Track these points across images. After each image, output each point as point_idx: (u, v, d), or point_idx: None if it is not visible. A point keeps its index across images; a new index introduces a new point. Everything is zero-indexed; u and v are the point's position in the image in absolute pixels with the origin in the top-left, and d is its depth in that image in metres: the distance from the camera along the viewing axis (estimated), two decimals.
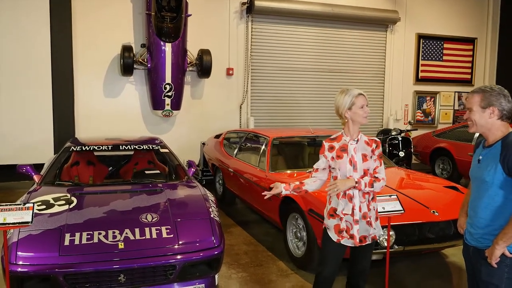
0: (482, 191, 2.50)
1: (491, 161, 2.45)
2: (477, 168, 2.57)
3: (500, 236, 2.36)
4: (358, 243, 3.03)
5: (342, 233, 3.05)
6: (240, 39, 9.28)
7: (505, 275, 2.40)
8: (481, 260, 2.49)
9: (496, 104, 2.45)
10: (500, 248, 2.35)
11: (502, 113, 2.45)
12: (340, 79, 10.14)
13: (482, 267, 2.49)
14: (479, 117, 2.50)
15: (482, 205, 2.49)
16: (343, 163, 3.02)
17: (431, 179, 5.53)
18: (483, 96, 2.48)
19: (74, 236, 3.42)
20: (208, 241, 3.60)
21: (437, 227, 4.19)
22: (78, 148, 5.20)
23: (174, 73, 8.01)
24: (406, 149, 8.80)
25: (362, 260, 3.16)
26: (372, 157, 3.04)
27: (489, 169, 2.44)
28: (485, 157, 2.52)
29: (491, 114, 2.46)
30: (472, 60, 11.64)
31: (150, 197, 4.21)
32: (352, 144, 3.04)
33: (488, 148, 2.52)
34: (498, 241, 2.36)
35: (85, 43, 8.20)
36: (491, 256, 2.39)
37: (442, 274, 4.64)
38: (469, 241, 2.61)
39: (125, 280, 3.30)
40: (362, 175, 3.00)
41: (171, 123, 8.88)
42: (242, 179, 6.05)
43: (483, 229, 2.49)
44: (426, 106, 11.30)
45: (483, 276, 2.48)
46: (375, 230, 3.08)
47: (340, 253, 3.13)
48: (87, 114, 8.30)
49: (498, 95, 2.45)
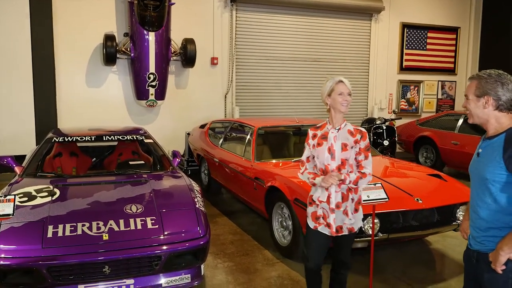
0: (482, 190, 2.25)
1: (492, 156, 2.20)
2: (477, 163, 2.32)
3: (506, 241, 2.12)
4: (335, 232, 3.04)
5: (318, 220, 3.08)
6: (225, 28, 9.20)
7: (509, 281, 2.18)
8: (484, 265, 2.25)
9: (491, 93, 2.21)
10: (505, 255, 2.12)
11: (498, 103, 2.21)
12: (325, 68, 10.14)
13: (484, 273, 2.26)
14: (474, 107, 2.28)
15: (484, 205, 2.25)
16: (322, 151, 3.03)
17: (415, 168, 5.59)
18: (479, 83, 2.26)
19: (57, 228, 3.38)
20: (193, 231, 3.58)
21: (420, 214, 4.24)
22: (61, 139, 5.12)
23: (158, 63, 7.91)
24: (391, 138, 8.88)
25: (340, 251, 3.18)
26: (354, 148, 3.01)
27: (490, 165, 2.20)
28: (485, 150, 2.28)
29: (486, 103, 2.23)
30: (455, 49, 11.74)
31: (134, 188, 4.18)
32: (333, 133, 3.03)
33: (489, 140, 2.27)
34: (502, 246, 2.13)
35: (66, 32, 8.04)
36: (495, 262, 2.16)
37: (426, 260, 4.71)
38: (472, 246, 2.36)
39: (110, 272, 3.28)
40: (340, 165, 2.99)
41: (155, 113, 8.80)
42: (227, 169, 6.04)
43: (486, 232, 2.26)
44: (410, 95, 11.38)
45: (486, 283, 2.26)
46: (351, 221, 3.05)
47: (322, 241, 3.13)
48: (70, 104, 8.17)
49: (495, 83, 2.21)
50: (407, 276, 4.29)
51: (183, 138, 8.69)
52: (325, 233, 3.08)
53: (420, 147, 9.46)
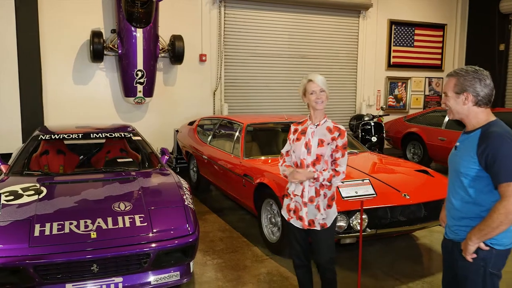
0: (457, 182, 2.35)
1: (467, 150, 2.28)
2: (454, 156, 2.42)
3: (474, 231, 2.22)
4: (307, 226, 3.07)
5: (291, 213, 3.12)
6: (213, 24, 9.17)
7: (480, 268, 2.27)
8: (458, 253, 2.36)
9: (470, 90, 2.26)
10: (473, 244, 2.23)
11: (477, 98, 2.26)
12: (314, 65, 10.15)
13: (459, 262, 2.36)
14: (454, 103, 2.33)
15: (457, 196, 2.36)
16: (299, 145, 3.08)
17: (403, 163, 5.63)
18: (457, 80, 2.30)
19: (44, 226, 3.35)
20: (182, 229, 3.58)
21: (408, 210, 4.28)
22: (47, 136, 5.07)
23: (146, 60, 7.86)
24: (379, 134, 8.93)
25: (315, 248, 3.15)
26: (330, 145, 3.02)
27: (465, 159, 2.28)
28: (462, 144, 2.37)
29: (465, 100, 2.28)
30: (442, 46, 11.84)
31: (122, 185, 4.15)
32: (311, 128, 3.08)
33: (466, 135, 2.35)
34: (471, 236, 2.23)
35: (52, 28, 7.95)
36: (465, 251, 2.27)
37: (413, 255, 4.76)
38: (447, 235, 2.49)
39: (98, 270, 3.26)
40: (315, 160, 3.02)
41: (143, 110, 8.75)
42: (216, 166, 6.03)
43: (458, 221, 2.36)
44: (397, 92, 11.46)
45: (460, 270, 2.38)
46: (322, 216, 3.05)
47: (297, 233, 3.16)
48: (56, 102, 8.08)
49: (473, 79, 2.26)
50: (395, 271, 4.33)
51: (171, 135, 8.66)
52: (297, 226, 3.11)
53: (407, 143, 9.54)
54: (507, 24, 10.98)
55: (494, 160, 2.15)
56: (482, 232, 2.19)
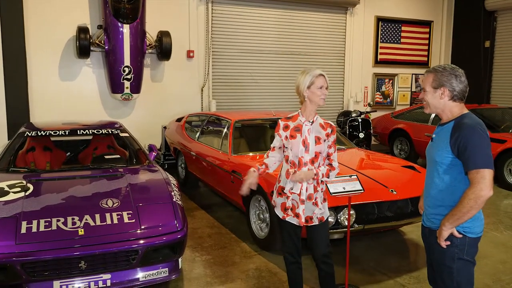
0: (433, 171, 2.49)
1: (442, 140, 2.42)
2: (430, 147, 2.57)
3: (447, 217, 2.35)
4: (303, 222, 3.08)
5: (287, 211, 3.11)
6: (201, 20, 9.13)
7: (455, 255, 2.40)
8: (434, 241, 2.48)
9: (446, 85, 2.41)
10: (447, 230, 2.35)
11: (453, 93, 2.41)
12: (301, 61, 10.18)
13: (435, 249, 2.49)
14: (431, 98, 2.47)
15: (433, 185, 2.49)
16: (296, 143, 3.04)
17: (390, 159, 5.68)
18: (435, 76, 2.45)
19: (31, 223, 3.33)
20: (170, 225, 3.57)
21: (395, 205, 4.32)
22: (33, 133, 5.02)
23: (133, 56, 7.80)
24: (366, 130, 9.00)
25: (314, 244, 3.19)
26: (326, 142, 3.05)
27: (440, 149, 2.42)
28: (437, 135, 2.51)
29: (442, 94, 2.43)
30: (429, 42, 11.94)
31: (110, 182, 4.14)
32: (307, 125, 3.05)
33: (441, 127, 2.50)
34: (445, 222, 2.36)
35: (38, 24, 7.84)
36: (439, 236, 2.39)
37: (400, 250, 4.81)
38: (424, 222, 2.62)
39: (86, 267, 3.25)
40: (313, 157, 3.02)
41: (131, 106, 8.69)
42: (204, 163, 6.02)
43: (434, 209, 2.49)
44: (385, 88, 11.54)
45: (436, 257, 2.51)
46: (321, 211, 3.10)
47: (292, 231, 3.17)
48: (42, 98, 7.99)
49: (450, 75, 2.41)
50: (382, 266, 4.37)
51: (159, 131, 8.62)
52: (293, 223, 3.12)
53: (394, 139, 9.62)
54: (492, 21, 11.11)
55: (465, 148, 2.29)
56: (454, 217, 2.32)
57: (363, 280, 4.06)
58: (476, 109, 8.46)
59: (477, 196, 2.25)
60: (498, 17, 11.12)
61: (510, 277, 4.13)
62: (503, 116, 8.55)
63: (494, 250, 4.75)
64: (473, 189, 2.26)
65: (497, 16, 11.12)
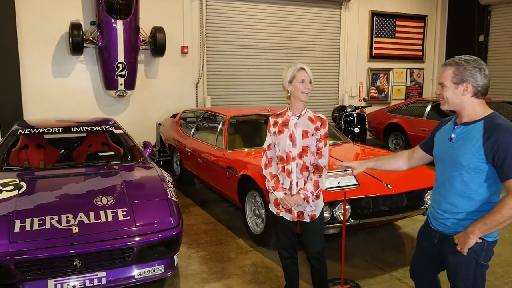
0: (455, 176, 2.24)
1: (470, 142, 2.17)
2: (450, 148, 2.28)
3: (478, 225, 2.13)
4: (296, 218, 3.08)
5: (279, 207, 3.11)
6: (195, 16, 9.08)
7: (473, 261, 2.24)
8: (448, 247, 2.31)
9: (470, 80, 2.15)
10: (475, 238, 2.15)
11: (477, 89, 2.16)
12: (296, 57, 10.15)
13: (449, 255, 2.31)
14: (452, 94, 2.21)
15: (454, 191, 2.26)
16: (283, 138, 3.02)
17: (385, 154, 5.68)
18: (457, 70, 2.18)
19: (25, 222, 3.30)
20: (166, 222, 3.56)
21: (390, 199, 4.33)
22: (26, 131, 4.98)
23: (127, 52, 7.76)
24: (361, 125, 9.00)
25: (305, 239, 3.18)
26: (314, 135, 3.02)
27: (467, 152, 2.17)
28: (460, 136, 2.24)
29: (465, 91, 2.17)
30: (423, 37, 11.95)
31: (104, 179, 4.11)
32: (294, 120, 3.03)
33: (464, 126, 2.24)
34: (474, 230, 2.14)
35: (30, 20, 7.77)
36: (464, 245, 2.19)
37: (396, 244, 4.82)
38: (434, 225, 2.41)
39: (81, 265, 3.23)
40: (301, 152, 3.00)
41: (125, 103, 8.65)
42: (199, 159, 6.01)
43: (451, 215, 2.29)
44: (379, 83, 11.54)
45: (450, 264, 2.33)
46: (312, 208, 3.06)
47: (287, 227, 3.16)
48: (36, 96, 7.93)
49: (474, 69, 2.15)
50: (378, 260, 4.38)
51: (154, 128, 8.58)
52: (287, 219, 3.12)
53: (390, 134, 9.64)
54: (486, 15, 11.13)
55: (506, 154, 2.06)
56: (487, 226, 2.11)
57: (359, 274, 4.07)
58: None
59: None
60: (492, 11, 11.14)
61: (504, 269, 4.16)
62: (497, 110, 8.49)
63: None
64: None
65: (491, 11, 11.14)
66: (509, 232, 5.01)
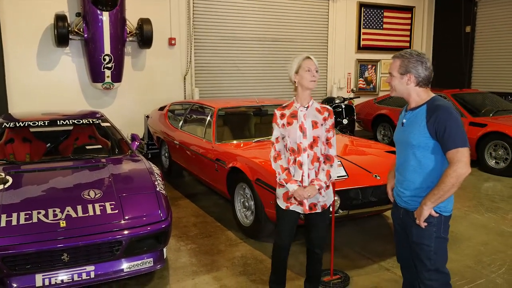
0: (409, 154, 2.54)
1: (416, 124, 2.48)
2: (402, 132, 2.61)
3: (429, 197, 2.42)
4: (308, 210, 3.07)
5: (290, 200, 3.08)
6: (182, 7, 8.99)
7: (433, 234, 2.49)
8: (411, 222, 2.56)
9: (413, 71, 2.48)
10: (428, 209, 2.42)
11: (418, 80, 2.48)
12: (284, 48, 10.12)
13: (412, 229, 2.56)
14: (398, 83, 2.55)
15: (410, 168, 2.54)
16: (293, 129, 3.02)
17: (373, 145, 5.71)
18: (402, 62, 2.51)
19: (11, 216, 3.26)
20: (154, 215, 3.54)
21: (379, 190, 4.34)
22: (12, 124, 4.91)
23: (113, 44, 7.66)
24: (349, 116, 9.02)
25: (313, 229, 3.19)
26: (323, 126, 3.04)
27: (415, 132, 2.47)
28: (409, 120, 2.56)
29: (408, 80, 2.50)
30: (411, 28, 11.97)
31: (92, 172, 4.07)
32: (302, 111, 3.04)
33: (412, 112, 2.56)
34: (426, 201, 2.43)
35: (14, 12, 7.63)
36: (419, 216, 2.46)
37: (384, 235, 4.86)
38: (399, 203, 2.69)
39: (69, 259, 3.20)
40: (312, 142, 3.00)
41: (112, 96, 8.57)
42: (188, 151, 5.98)
43: (412, 191, 2.56)
44: (367, 74, 11.57)
45: (414, 237, 2.57)
46: (324, 198, 3.09)
47: (292, 220, 3.15)
48: (21, 88, 7.81)
49: (416, 62, 2.47)
50: (367, 251, 4.41)
51: (142, 121, 8.52)
52: (297, 212, 3.10)
53: (378, 125, 9.69)
54: (473, 6, 11.19)
55: (444, 129, 2.36)
56: (435, 196, 2.39)
57: (348, 265, 4.10)
58: (457, 93, 8.54)
59: (459, 174, 2.33)
60: (478, 2, 11.19)
61: (491, 258, 4.21)
62: (483, 101, 8.65)
63: (475, 232, 4.83)
64: (454, 167, 2.33)
65: (478, 2, 11.19)
66: (496, 222, 5.07)
